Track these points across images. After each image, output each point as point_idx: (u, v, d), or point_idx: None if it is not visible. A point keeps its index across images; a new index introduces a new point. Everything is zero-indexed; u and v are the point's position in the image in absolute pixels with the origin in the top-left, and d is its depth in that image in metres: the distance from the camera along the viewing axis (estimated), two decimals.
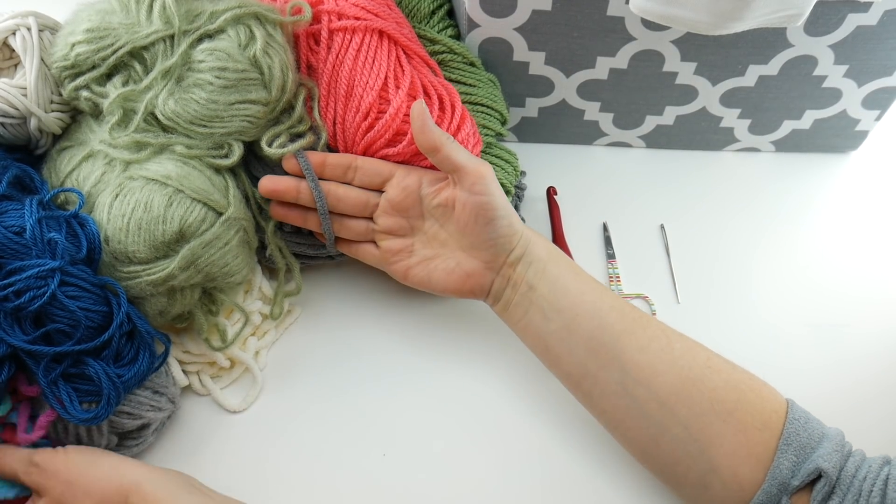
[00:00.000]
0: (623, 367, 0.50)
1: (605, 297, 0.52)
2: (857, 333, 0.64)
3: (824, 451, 0.46)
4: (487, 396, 0.60)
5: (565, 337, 0.52)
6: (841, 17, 0.60)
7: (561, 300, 0.52)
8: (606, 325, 0.51)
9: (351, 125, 0.56)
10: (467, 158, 0.53)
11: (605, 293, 0.53)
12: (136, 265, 0.51)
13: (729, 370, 0.50)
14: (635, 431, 0.51)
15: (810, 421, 0.48)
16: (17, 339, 0.46)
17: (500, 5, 0.59)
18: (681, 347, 0.50)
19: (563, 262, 0.54)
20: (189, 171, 0.52)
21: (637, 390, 0.50)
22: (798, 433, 0.47)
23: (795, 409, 0.48)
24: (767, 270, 0.67)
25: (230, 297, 0.56)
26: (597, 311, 0.51)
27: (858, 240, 0.69)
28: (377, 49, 0.56)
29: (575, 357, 0.52)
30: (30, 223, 0.48)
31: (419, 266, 0.56)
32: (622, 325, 0.51)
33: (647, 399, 0.50)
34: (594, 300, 0.52)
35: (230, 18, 0.52)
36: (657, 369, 0.50)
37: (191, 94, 0.52)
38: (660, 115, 0.70)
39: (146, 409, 0.52)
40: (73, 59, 0.52)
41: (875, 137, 0.73)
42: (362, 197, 0.56)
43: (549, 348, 0.53)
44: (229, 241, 0.53)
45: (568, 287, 0.53)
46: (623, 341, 0.51)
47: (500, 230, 0.53)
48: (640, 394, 0.50)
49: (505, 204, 0.54)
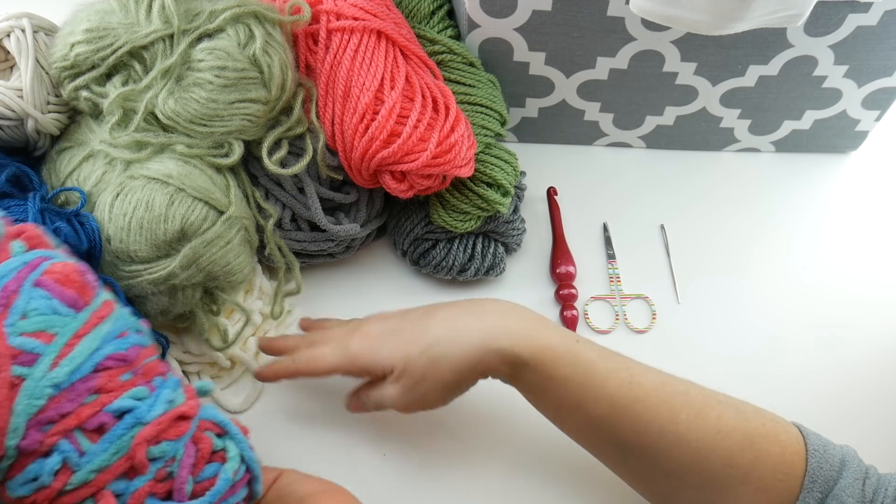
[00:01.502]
0: (623, 448, 0.47)
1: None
2: (857, 334, 0.64)
3: (845, 482, 0.44)
4: (489, 397, 0.60)
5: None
6: (841, 17, 0.60)
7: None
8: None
9: (349, 126, 0.56)
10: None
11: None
12: (138, 264, 0.51)
13: (742, 426, 0.46)
14: (643, 490, 0.50)
15: (827, 448, 0.46)
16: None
17: (500, 5, 0.59)
18: (686, 419, 0.45)
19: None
20: (190, 170, 0.52)
21: (639, 465, 0.48)
22: (821, 467, 0.45)
23: (812, 440, 0.46)
24: (767, 270, 0.67)
25: (231, 297, 0.56)
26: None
27: (858, 240, 0.69)
28: (375, 50, 0.56)
29: (570, 429, 0.50)
30: (32, 213, 0.48)
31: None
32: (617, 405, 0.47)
33: (650, 473, 0.48)
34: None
35: (229, 17, 0.52)
36: (659, 448, 0.46)
37: (191, 94, 0.52)
38: (660, 115, 0.70)
39: None
40: (72, 60, 0.52)
41: (875, 137, 0.73)
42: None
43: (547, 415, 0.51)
44: (231, 239, 0.53)
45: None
46: (618, 423, 0.47)
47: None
48: (643, 468, 0.48)
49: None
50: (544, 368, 0.47)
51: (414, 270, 0.65)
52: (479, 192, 0.60)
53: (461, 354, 0.47)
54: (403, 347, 0.49)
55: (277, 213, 0.58)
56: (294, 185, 0.58)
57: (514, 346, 0.46)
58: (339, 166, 0.58)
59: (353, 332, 0.52)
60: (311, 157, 0.56)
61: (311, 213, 0.58)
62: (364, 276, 0.65)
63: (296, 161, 0.56)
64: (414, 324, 0.50)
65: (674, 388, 0.47)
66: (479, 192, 0.60)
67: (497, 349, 0.46)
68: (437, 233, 0.61)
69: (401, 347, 0.49)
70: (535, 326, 0.47)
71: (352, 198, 0.60)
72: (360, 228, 0.60)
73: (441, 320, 0.49)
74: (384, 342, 0.50)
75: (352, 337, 0.52)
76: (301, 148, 0.57)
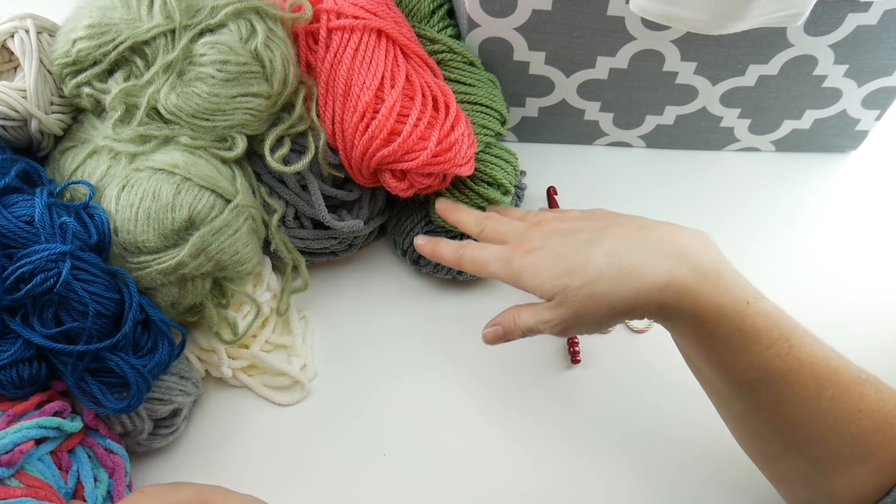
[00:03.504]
0: (752, 409, 0.47)
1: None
2: (857, 333, 0.64)
3: None
4: (492, 397, 0.60)
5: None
6: (841, 16, 0.60)
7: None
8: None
9: (349, 125, 0.56)
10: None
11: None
12: (146, 255, 0.51)
13: (880, 407, 0.45)
14: (747, 444, 0.50)
15: None
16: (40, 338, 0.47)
17: (500, 5, 0.59)
18: (832, 395, 0.44)
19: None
20: (196, 160, 0.52)
21: (762, 428, 0.47)
22: None
23: None
24: (767, 270, 0.67)
25: (240, 288, 0.56)
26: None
27: (858, 239, 0.69)
28: (375, 48, 0.56)
29: (704, 377, 0.50)
30: (39, 207, 0.48)
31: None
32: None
33: (769, 437, 0.47)
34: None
35: (231, 13, 0.53)
36: (792, 419, 0.45)
37: (192, 88, 0.52)
38: (660, 114, 0.70)
39: (176, 394, 0.53)
40: (74, 56, 0.52)
41: (875, 137, 0.73)
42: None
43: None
44: (239, 228, 0.53)
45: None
46: (762, 389, 0.45)
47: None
48: (764, 431, 0.47)
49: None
50: (706, 327, 0.45)
51: (414, 270, 0.65)
52: (479, 192, 0.60)
53: (621, 298, 0.45)
54: (564, 276, 0.47)
55: (282, 208, 0.58)
56: (297, 183, 0.58)
57: (678, 302, 0.44)
58: (340, 164, 0.58)
59: (523, 239, 0.51)
60: (313, 154, 0.56)
61: (315, 210, 0.58)
62: (364, 276, 0.65)
63: (298, 159, 0.57)
64: (580, 247, 0.47)
65: (827, 363, 0.45)
66: (479, 192, 0.60)
67: (659, 303, 0.45)
68: (437, 232, 0.61)
69: (562, 275, 0.47)
70: (706, 280, 0.44)
71: (354, 195, 0.61)
72: (364, 225, 0.61)
73: (608, 250, 0.46)
74: (545, 264, 0.48)
75: (519, 248, 0.50)
76: (303, 145, 0.57)
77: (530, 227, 0.52)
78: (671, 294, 0.44)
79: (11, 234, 0.47)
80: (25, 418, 0.48)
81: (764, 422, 0.46)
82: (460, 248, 0.54)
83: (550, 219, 0.52)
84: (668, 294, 0.44)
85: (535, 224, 0.52)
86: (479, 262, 0.52)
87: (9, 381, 0.47)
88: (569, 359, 0.62)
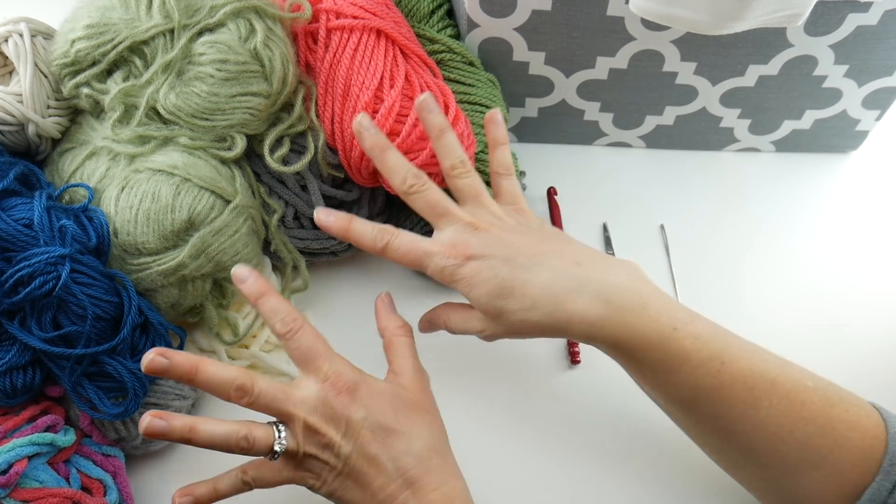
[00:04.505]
0: (698, 422, 0.49)
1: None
2: (857, 333, 0.64)
3: None
4: (492, 397, 0.60)
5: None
6: (841, 17, 0.59)
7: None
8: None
9: (349, 125, 0.56)
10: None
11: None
12: (146, 256, 0.51)
13: (825, 412, 0.46)
14: (714, 456, 0.51)
15: None
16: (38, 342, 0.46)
17: (499, 5, 0.59)
18: (769, 405, 0.46)
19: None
20: (195, 161, 0.52)
21: (713, 438, 0.49)
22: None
23: (892, 424, 0.46)
24: (767, 270, 0.67)
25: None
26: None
27: (858, 240, 0.69)
28: (374, 48, 0.56)
29: (648, 393, 0.51)
30: (38, 210, 0.48)
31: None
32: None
33: (722, 447, 0.49)
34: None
35: (230, 12, 0.53)
36: (735, 429, 0.47)
37: (192, 88, 0.52)
38: (660, 115, 0.70)
39: (172, 398, 0.53)
40: (73, 56, 0.52)
41: (875, 137, 0.73)
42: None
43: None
44: (238, 228, 0.53)
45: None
46: (698, 405, 0.48)
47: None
48: (716, 442, 0.49)
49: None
50: (632, 355, 0.48)
51: (413, 270, 0.64)
52: None
53: (553, 327, 0.48)
54: (501, 299, 0.48)
55: (281, 209, 0.58)
56: (296, 183, 0.58)
57: (604, 334, 0.47)
58: (340, 164, 0.58)
59: (459, 241, 0.49)
60: (312, 154, 0.56)
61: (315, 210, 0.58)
62: (364, 276, 0.64)
63: (298, 159, 0.56)
64: (518, 272, 0.48)
65: (763, 376, 0.46)
66: None
67: (588, 335, 0.48)
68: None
69: (498, 297, 0.48)
70: (632, 314, 0.47)
71: (354, 195, 0.60)
72: None
73: (545, 284, 0.47)
74: (482, 279, 0.48)
75: (455, 252, 0.49)
76: (303, 146, 0.57)
77: (469, 226, 0.50)
78: (598, 329, 0.47)
79: (10, 238, 0.47)
80: (17, 433, 0.48)
81: (709, 433, 0.49)
82: (383, 233, 0.50)
83: (490, 224, 0.50)
84: (596, 329, 0.47)
85: (474, 226, 0.50)
86: (407, 256, 0.50)
87: (1, 390, 0.47)
88: (568, 359, 0.62)
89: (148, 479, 0.56)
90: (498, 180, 0.55)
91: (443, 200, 0.51)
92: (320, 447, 0.45)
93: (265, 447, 0.44)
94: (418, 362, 0.52)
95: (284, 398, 0.45)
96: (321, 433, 0.45)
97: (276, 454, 0.44)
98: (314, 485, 0.46)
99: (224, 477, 0.47)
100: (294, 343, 0.47)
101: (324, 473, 0.45)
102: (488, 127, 0.55)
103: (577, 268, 0.48)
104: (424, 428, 0.48)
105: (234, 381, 0.44)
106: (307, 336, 0.47)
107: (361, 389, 0.47)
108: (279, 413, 0.45)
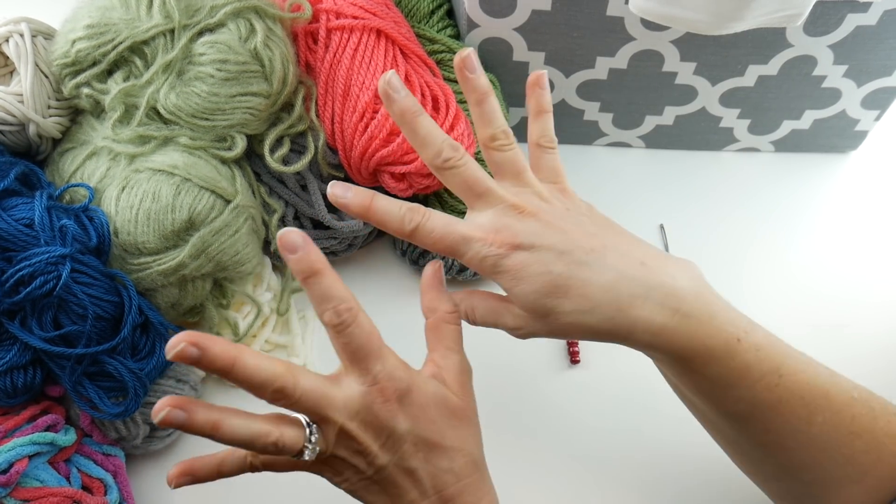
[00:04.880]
0: (744, 437, 0.46)
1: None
2: (857, 334, 0.64)
3: None
4: (491, 397, 0.60)
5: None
6: (841, 17, 0.59)
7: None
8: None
9: (349, 125, 0.56)
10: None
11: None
12: (147, 256, 0.51)
13: (871, 426, 0.44)
14: (742, 466, 0.49)
15: None
16: (38, 342, 0.46)
17: (499, 5, 0.59)
18: (822, 421, 0.43)
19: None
20: (195, 161, 0.52)
21: (754, 453, 0.46)
22: None
23: None
24: (767, 270, 0.67)
25: (241, 288, 0.56)
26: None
27: (858, 240, 0.69)
28: (374, 48, 0.56)
29: (693, 406, 0.49)
30: (38, 210, 0.48)
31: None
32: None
33: (763, 461, 0.46)
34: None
35: (230, 12, 0.53)
36: (785, 445, 0.44)
37: (192, 88, 0.52)
38: (659, 115, 0.70)
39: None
40: (73, 56, 0.52)
41: (875, 137, 0.73)
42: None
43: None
44: (239, 228, 0.53)
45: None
46: (752, 420, 0.45)
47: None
48: (757, 456, 0.46)
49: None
50: (694, 366, 0.43)
51: (414, 270, 0.65)
52: None
53: (611, 333, 0.42)
54: (553, 297, 0.42)
55: (281, 209, 0.58)
56: (297, 183, 0.58)
57: (668, 344, 0.43)
58: (340, 164, 0.58)
59: (504, 225, 0.43)
60: (312, 154, 0.56)
61: (315, 210, 0.58)
62: (364, 276, 0.64)
63: (298, 159, 0.57)
64: (576, 268, 0.42)
65: (818, 389, 0.44)
66: None
67: (649, 343, 0.43)
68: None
69: (550, 295, 0.42)
70: (699, 324, 0.42)
71: None
72: (364, 225, 0.61)
73: (608, 284, 0.42)
74: (532, 273, 0.42)
75: (499, 239, 0.42)
76: (303, 145, 0.57)
77: (513, 208, 0.43)
78: (663, 339, 0.42)
79: (11, 237, 0.47)
80: (18, 433, 0.48)
81: (754, 447, 0.46)
82: (413, 213, 0.43)
83: (537, 208, 0.44)
84: (660, 339, 0.42)
85: (519, 209, 0.43)
86: (442, 241, 0.43)
87: (2, 390, 0.47)
88: (568, 359, 0.62)
89: (148, 478, 0.56)
90: (538, 153, 0.48)
91: (484, 178, 0.44)
92: (351, 451, 0.41)
93: (293, 451, 0.40)
94: (465, 357, 0.46)
95: (326, 404, 0.39)
96: (357, 440, 0.40)
97: (302, 456, 0.40)
98: (333, 479, 0.43)
99: (229, 458, 0.42)
100: (345, 338, 0.40)
101: (348, 473, 0.42)
102: (531, 91, 0.48)
103: (641, 269, 0.43)
104: (469, 440, 0.44)
105: (273, 383, 0.38)
106: (360, 331, 0.40)
107: (410, 396, 0.41)
108: (317, 416, 0.40)
